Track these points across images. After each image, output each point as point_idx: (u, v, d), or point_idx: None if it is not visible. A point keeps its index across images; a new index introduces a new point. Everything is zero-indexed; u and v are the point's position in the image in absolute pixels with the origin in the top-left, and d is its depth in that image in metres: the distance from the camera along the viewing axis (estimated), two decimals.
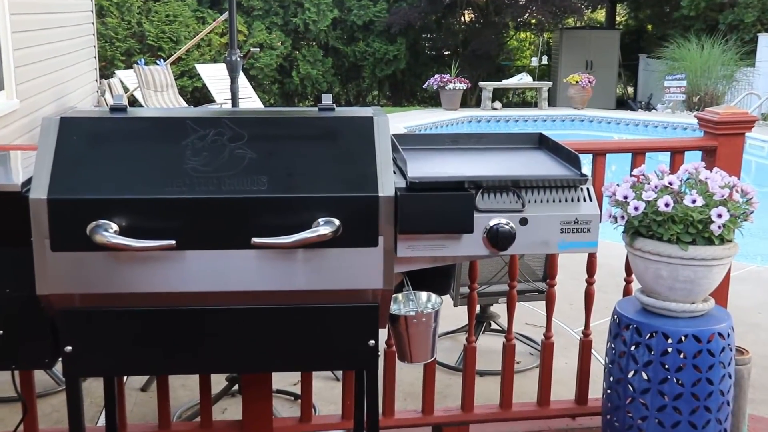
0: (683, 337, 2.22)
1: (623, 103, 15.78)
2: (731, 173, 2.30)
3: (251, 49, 4.56)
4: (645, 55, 15.94)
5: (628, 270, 2.67)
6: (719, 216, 2.11)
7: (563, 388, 3.05)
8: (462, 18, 15.91)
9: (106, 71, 12.07)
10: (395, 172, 1.93)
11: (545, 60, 16.36)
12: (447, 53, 16.13)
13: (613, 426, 2.38)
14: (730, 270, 2.41)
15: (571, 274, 3.33)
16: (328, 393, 3.14)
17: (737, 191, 2.21)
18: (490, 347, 3.44)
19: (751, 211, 2.21)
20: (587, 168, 2.12)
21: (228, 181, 1.79)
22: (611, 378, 2.38)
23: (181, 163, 1.80)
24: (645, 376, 2.27)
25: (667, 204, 2.14)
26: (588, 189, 2.00)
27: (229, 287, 1.83)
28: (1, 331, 1.89)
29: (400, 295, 2.12)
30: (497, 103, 13.69)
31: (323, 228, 1.78)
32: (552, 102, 14.35)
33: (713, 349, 2.22)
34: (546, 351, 2.73)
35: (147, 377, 3.18)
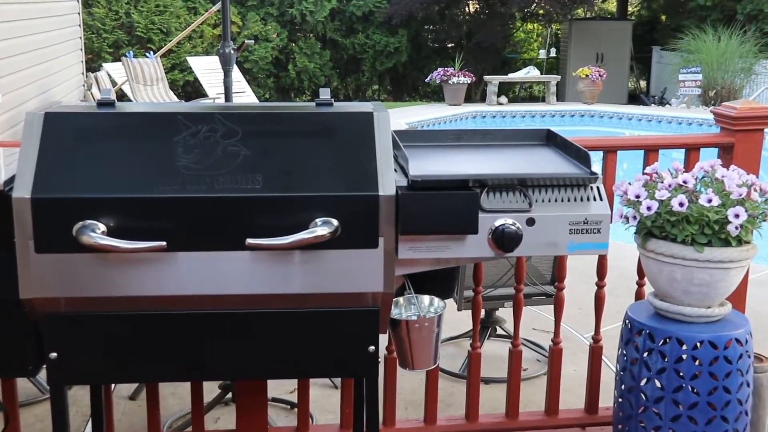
0: (698, 344, 2.20)
1: (635, 98, 15.53)
2: (749, 171, 2.28)
3: (245, 41, 4.49)
4: (658, 48, 15.51)
5: (640, 273, 2.67)
6: (736, 216, 2.09)
7: (572, 396, 3.03)
8: (466, 8, 15.65)
9: (92, 64, 11.83)
10: (396, 170, 1.92)
11: (553, 53, 16.04)
12: (450, 45, 15.82)
13: None
14: (747, 273, 2.39)
15: (581, 276, 3.31)
16: (325, 401, 3.13)
17: (755, 190, 2.20)
18: (495, 353, 3.42)
19: None
20: (597, 166, 2.12)
21: (221, 180, 1.78)
22: (623, 386, 2.37)
23: (172, 161, 1.79)
24: (658, 384, 2.25)
25: (682, 203, 2.12)
26: (598, 188, 1.98)
27: (223, 290, 1.81)
28: None
29: (401, 299, 2.12)
30: (503, 98, 13.54)
31: (321, 228, 1.76)
32: (560, 97, 14.14)
33: (730, 356, 2.20)
34: (554, 357, 2.71)
35: (136, 385, 3.16)
